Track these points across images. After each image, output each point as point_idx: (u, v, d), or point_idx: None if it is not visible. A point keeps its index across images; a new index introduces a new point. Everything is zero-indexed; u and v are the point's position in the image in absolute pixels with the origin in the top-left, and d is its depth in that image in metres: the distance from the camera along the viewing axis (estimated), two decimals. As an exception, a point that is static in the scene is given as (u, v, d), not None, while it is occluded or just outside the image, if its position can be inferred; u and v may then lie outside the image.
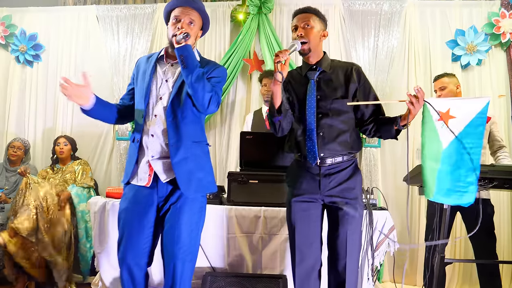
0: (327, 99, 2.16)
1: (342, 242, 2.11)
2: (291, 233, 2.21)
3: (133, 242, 2.01)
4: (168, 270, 1.98)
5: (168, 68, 2.04)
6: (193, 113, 2.02)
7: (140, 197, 2.02)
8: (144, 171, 2.01)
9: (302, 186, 2.18)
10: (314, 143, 2.12)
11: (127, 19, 4.34)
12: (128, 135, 4.21)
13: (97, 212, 2.80)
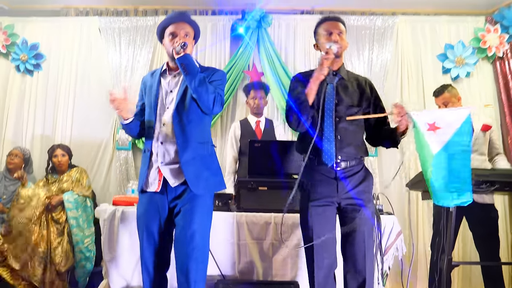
0: (344, 104, 2.18)
1: (360, 243, 2.10)
2: (308, 237, 2.17)
3: (151, 246, 2.11)
4: (182, 271, 2.02)
5: (171, 80, 2.15)
6: (198, 116, 2.10)
7: (153, 202, 2.10)
8: (153, 177, 2.09)
9: (319, 190, 2.16)
10: (332, 145, 2.12)
11: (129, 31, 4.30)
12: (128, 145, 4.13)
13: (107, 219, 2.70)
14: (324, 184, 2.16)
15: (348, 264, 2.15)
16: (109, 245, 2.69)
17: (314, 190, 2.17)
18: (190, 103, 2.08)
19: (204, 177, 2.07)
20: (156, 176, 2.08)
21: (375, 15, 4.30)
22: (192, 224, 2.02)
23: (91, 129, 4.23)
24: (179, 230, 2.04)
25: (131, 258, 2.69)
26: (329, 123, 2.15)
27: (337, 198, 2.15)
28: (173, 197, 2.07)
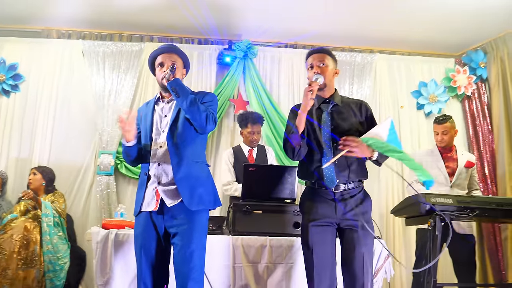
0: (340, 130, 2.34)
1: (359, 262, 2.21)
2: (309, 256, 2.27)
3: (149, 264, 2.18)
4: None
5: (165, 106, 2.31)
6: (191, 136, 2.23)
7: (150, 222, 2.18)
8: (151, 197, 2.19)
9: (319, 211, 2.28)
10: (332, 169, 2.28)
11: (114, 56, 4.40)
12: (110, 170, 4.12)
13: (100, 242, 2.69)
14: (323, 205, 2.28)
15: (348, 285, 2.25)
16: (101, 268, 2.66)
17: (314, 211, 2.29)
18: (183, 124, 2.20)
19: (198, 193, 2.17)
20: (153, 196, 2.18)
21: (354, 52, 4.66)
22: (190, 244, 2.11)
23: (71, 153, 4.22)
24: (178, 250, 2.11)
25: (124, 281, 2.68)
26: (327, 148, 2.29)
27: (336, 219, 2.27)
28: (169, 216, 2.16)
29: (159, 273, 2.21)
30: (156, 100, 2.35)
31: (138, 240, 2.23)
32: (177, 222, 2.14)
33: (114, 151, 4.17)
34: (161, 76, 2.24)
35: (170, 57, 2.29)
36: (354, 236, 2.25)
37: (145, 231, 2.19)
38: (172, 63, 2.24)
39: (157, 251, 2.19)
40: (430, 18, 4.24)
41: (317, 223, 2.28)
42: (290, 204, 3.02)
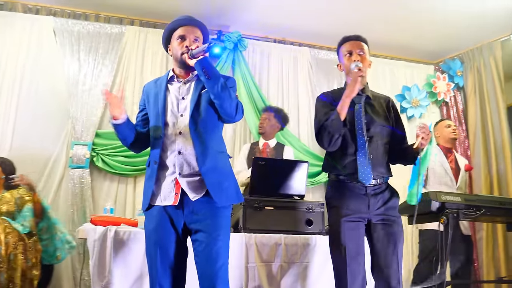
0: (373, 123, 2.27)
1: (394, 257, 2.15)
2: (340, 254, 2.15)
3: (165, 264, 1.91)
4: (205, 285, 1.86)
5: (181, 86, 2.02)
6: (214, 124, 2.00)
7: (166, 217, 1.91)
8: (169, 190, 1.92)
9: (351, 206, 2.18)
10: (368, 164, 2.19)
11: (91, 37, 3.99)
12: (84, 163, 3.70)
13: (98, 240, 2.36)
14: (355, 200, 2.19)
15: (382, 279, 2.16)
16: (99, 271, 2.35)
17: (346, 206, 2.18)
18: (206, 110, 1.96)
19: (225, 187, 1.94)
20: (172, 189, 1.91)
21: (340, 52, 4.67)
22: (217, 242, 1.87)
23: (37, 141, 3.72)
24: (202, 248, 1.87)
25: (124, 285, 2.38)
26: (362, 142, 2.20)
27: (368, 215, 2.18)
28: (190, 211, 1.90)
29: (176, 273, 1.94)
30: (169, 79, 2.05)
31: (151, 237, 1.93)
32: (200, 218, 1.89)
33: (90, 142, 3.75)
34: (182, 50, 1.95)
35: (194, 32, 2.01)
36: (389, 230, 2.18)
37: (161, 226, 1.91)
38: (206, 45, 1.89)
39: (175, 249, 1.91)
40: (412, 25, 4.36)
41: (350, 218, 2.17)
42: (302, 201, 2.89)
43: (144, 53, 4.13)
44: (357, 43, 2.31)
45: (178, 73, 2.04)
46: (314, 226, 2.79)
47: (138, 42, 4.14)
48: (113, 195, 3.81)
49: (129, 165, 3.83)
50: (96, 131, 3.81)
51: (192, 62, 1.89)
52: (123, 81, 4.05)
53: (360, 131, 2.23)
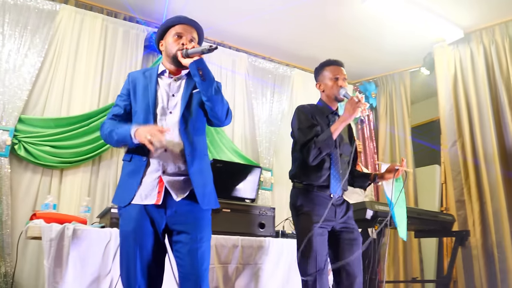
0: (342, 142, 2.48)
1: (357, 260, 2.36)
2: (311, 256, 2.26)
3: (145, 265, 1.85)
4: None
5: (172, 83, 2.00)
6: (203, 125, 2.04)
7: (147, 216, 1.85)
8: (150, 188, 1.85)
9: (321, 213, 2.31)
10: (339, 178, 2.39)
11: (19, 10, 3.57)
12: (5, 150, 3.28)
13: (54, 239, 2.17)
14: (324, 209, 2.31)
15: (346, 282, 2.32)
16: (55, 271, 2.16)
17: (317, 213, 2.32)
18: (196, 111, 1.96)
19: (208, 191, 1.95)
20: (155, 187, 1.85)
21: (274, 63, 4.91)
22: (202, 244, 1.87)
23: None
24: (187, 250, 1.84)
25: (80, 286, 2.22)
26: (335, 158, 2.40)
27: (334, 222, 2.38)
28: (173, 212, 1.86)
29: (155, 273, 1.89)
30: (160, 72, 2.02)
31: (130, 238, 1.83)
32: (184, 219, 1.86)
33: (12, 127, 3.34)
34: (177, 47, 1.93)
35: (192, 32, 2.01)
36: (351, 237, 2.39)
37: (140, 227, 1.83)
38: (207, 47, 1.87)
39: (154, 249, 1.85)
40: (338, 47, 4.78)
41: (320, 225, 2.31)
42: (255, 205, 3.01)
43: (80, 36, 3.82)
44: (341, 69, 2.52)
45: (169, 68, 2.00)
46: (266, 229, 2.93)
47: (74, 24, 3.81)
48: (35, 188, 3.44)
49: (56, 156, 3.49)
50: (20, 116, 3.41)
51: (185, 61, 1.88)
52: (55, 64, 3.68)
53: (334, 149, 2.43)
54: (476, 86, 4.42)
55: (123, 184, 1.90)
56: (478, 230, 4.19)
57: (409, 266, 4.83)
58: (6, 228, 3.20)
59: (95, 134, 3.65)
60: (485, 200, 4.21)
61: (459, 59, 4.58)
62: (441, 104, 4.63)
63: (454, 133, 4.50)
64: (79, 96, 3.71)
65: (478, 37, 4.45)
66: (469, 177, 4.34)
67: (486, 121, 4.29)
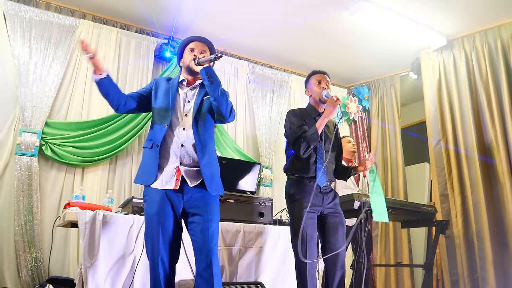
0: (327, 140, 2.95)
1: (341, 241, 2.83)
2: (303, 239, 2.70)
3: (167, 243, 2.28)
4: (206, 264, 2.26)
5: (188, 91, 2.45)
6: (211, 125, 2.47)
7: (168, 200, 2.28)
8: (170, 176, 2.29)
9: (311, 200, 2.77)
10: (324, 170, 2.87)
11: (43, 25, 4.07)
12: (34, 150, 3.78)
13: (88, 222, 2.65)
14: (313, 196, 2.76)
15: (332, 262, 2.77)
16: (89, 250, 2.63)
17: (307, 199, 2.75)
18: (206, 114, 2.40)
19: (215, 180, 2.40)
20: (173, 175, 2.28)
21: (273, 69, 5.39)
22: (212, 223, 2.31)
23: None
24: (200, 229, 2.27)
25: (106, 264, 2.70)
26: (321, 154, 2.86)
27: (322, 208, 2.84)
28: (189, 197, 2.29)
29: (174, 247, 2.33)
30: (180, 81, 2.47)
31: (154, 219, 2.26)
32: (198, 203, 2.30)
33: (40, 130, 3.84)
34: (190, 58, 2.39)
35: (203, 47, 2.48)
36: (336, 220, 2.84)
37: (162, 210, 2.26)
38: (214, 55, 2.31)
39: (173, 228, 2.29)
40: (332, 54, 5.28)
41: (310, 209, 2.75)
42: (255, 196, 3.49)
43: (97, 48, 4.32)
44: (324, 76, 2.98)
45: (186, 78, 2.46)
46: (265, 218, 3.41)
47: (91, 37, 4.32)
48: (60, 184, 3.95)
49: (78, 156, 4.00)
50: (46, 120, 3.91)
51: (197, 68, 2.32)
52: (75, 73, 4.20)
53: (320, 145, 2.87)
54: (458, 89, 4.86)
55: (145, 167, 2.33)
56: (460, 221, 4.62)
57: (399, 254, 5.30)
58: (36, 219, 3.70)
59: (112, 135, 4.16)
60: (466, 194, 4.64)
61: (443, 65, 5.04)
62: (426, 106, 5.08)
63: (438, 133, 4.94)
64: (97, 101, 4.21)
65: (460, 44, 4.89)
66: (452, 173, 4.78)
67: (467, 121, 4.72)
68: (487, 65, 4.64)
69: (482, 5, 4.36)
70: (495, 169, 4.48)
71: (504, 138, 4.47)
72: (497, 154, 4.47)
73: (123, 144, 4.25)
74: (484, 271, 4.36)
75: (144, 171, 2.33)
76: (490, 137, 4.54)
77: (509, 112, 4.41)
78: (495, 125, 4.51)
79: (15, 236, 3.62)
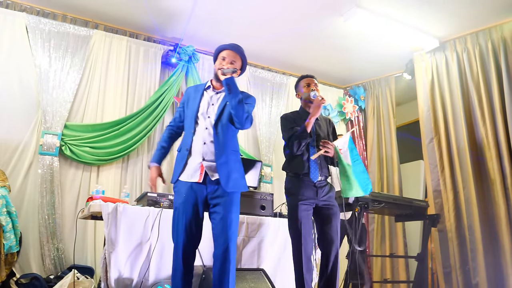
0: (321, 138, 3.27)
1: (334, 230, 3.16)
2: (297, 228, 3.07)
3: (192, 228, 2.61)
4: (223, 249, 2.61)
5: (213, 96, 2.78)
6: (231, 129, 2.75)
7: (193, 191, 2.62)
8: (194, 170, 2.63)
9: (305, 194, 3.15)
10: (316, 167, 3.21)
11: (61, 36, 4.52)
12: (55, 151, 4.24)
13: (111, 213, 3.08)
14: (308, 190, 3.15)
15: (327, 248, 3.12)
16: (112, 237, 3.07)
17: (302, 193, 3.13)
18: (226, 117, 2.69)
19: (233, 178, 2.64)
20: (197, 169, 2.62)
21: (272, 72, 5.82)
22: (230, 214, 2.61)
23: (7, 129, 4.17)
24: (220, 218, 2.59)
25: (126, 251, 3.12)
26: (313, 151, 3.20)
27: (316, 201, 3.18)
28: (212, 189, 2.62)
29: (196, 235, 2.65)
30: (206, 87, 2.80)
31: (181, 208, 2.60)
32: (219, 195, 2.62)
33: (60, 132, 4.30)
34: (219, 66, 2.69)
35: (234, 56, 2.75)
36: (330, 212, 3.16)
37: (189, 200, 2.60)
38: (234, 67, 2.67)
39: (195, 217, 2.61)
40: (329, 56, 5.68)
41: (304, 202, 3.11)
42: (257, 191, 3.91)
43: (109, 56, 4.78)
44: (312, 79, 3.34)
45: (214, 84, 2.78)
46: (266, 211, 3.82)
47: (104, 45, 4.78)
48: (78, 181, 4.42)
49: (94, 155, 4.47)
50: (65, 123, 4.36)
51: (222, 77, 2.64)
52: (90, 79, 4.66)
53: (312, 143, 3.25)
54: (451, 89, 5.18)
55: (176, 167, 2.71)
56: (452, 216, 4.94)
57: (394, 247, 5.68)
58: (58, 213, 4.16)
59: (124, 136, 4.63)
60: (458, 190, 4.96)
61: (436, 66, 5.36)
62: (420, 106, 5.42)
63: (431, 131, 5.25)
64: (110, 105, 4.67)
65: (452, 45, 5.20)
66: (444, 170, 5.10)
67: (459, 120, 5.04)
68: (478, 66, 4.93)
69: (472, 8, 4.65)
70: (486, 166, 4.77)
71: (495, 136, 4.73)
72: (488, 151, 4.74)
73: (134, 144, 4.70)
74: (475, 263, 4.66)
75: (176, 169, 2.70)
76: (481, 135, 4.83)
77: (500, 111, 4.67)
78: (486, 124, 4.78)
79: (39, 228, 4.09)
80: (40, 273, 3.99)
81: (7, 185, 3.73)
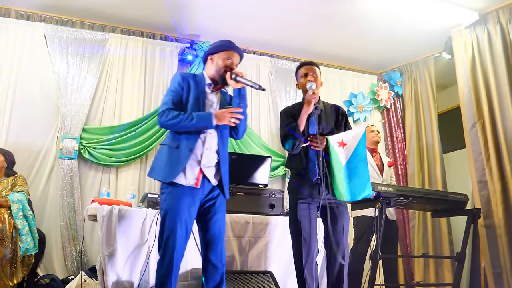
0: (324, 132, 3.03)
1: (340, 231, 2.93)
2: (297, 228, 2.92)
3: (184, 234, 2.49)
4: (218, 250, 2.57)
5: (213, 95, 2.64)
6: (227, 134, 2.72)
7: (189, 196, 2.49)
8: (194, 175, 2.50)
9: (304, 192, 2.95)
10: (316, 164, 2.98)
11: (78, 42, 4.67)
12: (73, 154, 4.39)
13: (105, 216, 3.10)
14: (308, 188, 2.95)
15: (332, 249, 2.91)
16: (107, 240, 3.09)
17: (301, 192, 2.95)
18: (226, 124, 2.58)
19: (228, 187, 2.66)
20: (196, 175, 2.50)
21: (296, 62, 5.59)
22: (223, 217, 2.63)
23: (30, 135, 4.39)
24: (214, 221, 2.57)
25: (124, 254, 3.13)
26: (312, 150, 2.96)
27: (319, 199, 2.94)
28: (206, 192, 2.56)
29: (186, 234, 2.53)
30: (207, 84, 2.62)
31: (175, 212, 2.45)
32: (214, 200, 2.59)
33: (78, 136, 4.44)
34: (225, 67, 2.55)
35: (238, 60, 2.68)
36: (336, 211, 2.92)
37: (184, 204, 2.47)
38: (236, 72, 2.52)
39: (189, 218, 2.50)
40: (360, 41, 5.34)
41: (304, 201, 2.93)
42: (266, 188, 3.77)
43: (126, 58, 4.86)
44: (311, 67, 3.07)
45: (212, 79, 2.61)
46: (276, 209, 3.67)
47: (120, 48, 4.86)
48: (98, 183, 4.54)
49: (112, 157, 4.57)
50: (83, 126, 4.50)
51: (231, 82, 2.52)
52: (107, 82, 4.77)
53: None
54: (494, 66, 4.64)
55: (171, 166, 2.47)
56: (500, 210, 4.43)
57: (438, 245, 5.25)
58: (78, 215, 4.31)
59: (142, 136, 4.68)
60: (507, 180, 4.44)
61: (476, 42, 4.83)
62: (460, 87, 4.91)
63: (474, 115, 4.74)
64: (127, 106, 4.75)
65: (495, 17, 4.66)
66: (490, 158, 4.58)
67: (505, 101, 4.51)
68: (527, 38, 4.34)
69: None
70: (538, 152, 4.23)
71: (547, 117, 4.19)
72: (540, 134, 4.20)
73: (152, 144, 4.74)
74: (528, 262, 4.14)
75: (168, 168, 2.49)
76: (531, 117, 4.28)
77: (552, 88, 4.13)
78: (537, 104, 4.24)
79: (61, 230, 4.26)
80: (63, 274, 4.16)
81: (26, 189, 3.91)
